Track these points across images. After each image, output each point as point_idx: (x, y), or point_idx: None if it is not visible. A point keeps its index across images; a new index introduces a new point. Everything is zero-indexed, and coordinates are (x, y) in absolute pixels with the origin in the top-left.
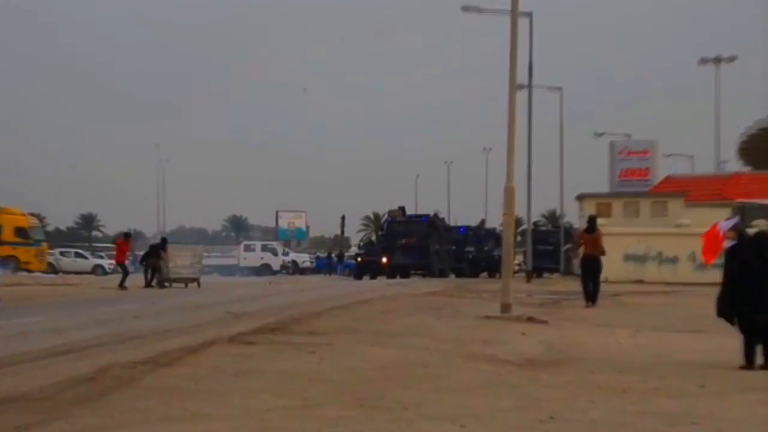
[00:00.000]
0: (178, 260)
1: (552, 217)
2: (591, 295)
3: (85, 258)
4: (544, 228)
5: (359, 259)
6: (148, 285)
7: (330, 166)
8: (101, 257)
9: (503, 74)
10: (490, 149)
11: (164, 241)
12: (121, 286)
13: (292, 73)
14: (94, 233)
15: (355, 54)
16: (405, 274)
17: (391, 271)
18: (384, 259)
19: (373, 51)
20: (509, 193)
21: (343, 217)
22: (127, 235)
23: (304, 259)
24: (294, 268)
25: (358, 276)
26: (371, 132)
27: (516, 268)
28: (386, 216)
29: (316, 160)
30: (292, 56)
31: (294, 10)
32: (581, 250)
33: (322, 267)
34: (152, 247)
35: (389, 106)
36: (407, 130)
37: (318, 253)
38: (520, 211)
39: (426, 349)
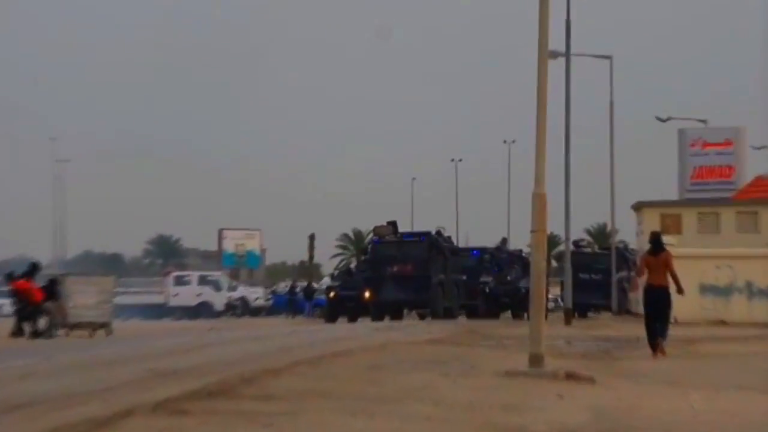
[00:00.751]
0: (80, 298)
1: (599, 235)
2: (657, 340)
3: None
4: (588, 249)
5: (331, 294)
6: (18, 332)
7: (292, 169)
8: None
9: (526, 37)
10: (513, 142)
11: (34, 268)
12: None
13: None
14: None
15: None
16: (397, 315)
17: (378, 311)
18: (367, 294)
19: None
20: (539, 202)
21: (311, 237)
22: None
23: (257, 295)
24: (243, 308)
25: (331, 317)
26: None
27: (551, 305)
28: (371, 235)
29: (269, 163)
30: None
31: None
32: (643, 280)
33: (283, 306)
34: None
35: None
36: (397, 117)
37: (276, 287)
38: (554, 226)
39: (428, 420)
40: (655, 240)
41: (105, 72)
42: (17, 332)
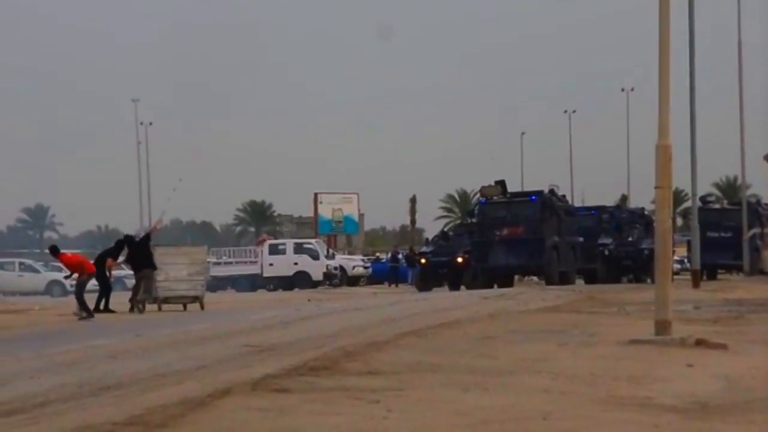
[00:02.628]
0: (170, 270)
1: (729, 189)
2: None
3: (36, 271)
4: (716, 205)
5: (422, 260)
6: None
7: (389, 128)
8: (59, 269)
9: None
10: (632, 90)
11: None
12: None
13: None
14: (48, 234)
15: None
16: (507, 281)
17: (487, 277)
18: (460, 259)
19: None
20: (664, 154)
21: (413, 199)
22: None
23: (355, 263)
24: (341, 277)
25: (424, 286)
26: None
27: (677, 267)
28: (478, 195)
29: (367, 120)
30: None
31: None
32: None
33: (384, 274)
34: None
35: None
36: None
37: (378, 254)
38: (679, 181)
39: (546, 393)
40: None
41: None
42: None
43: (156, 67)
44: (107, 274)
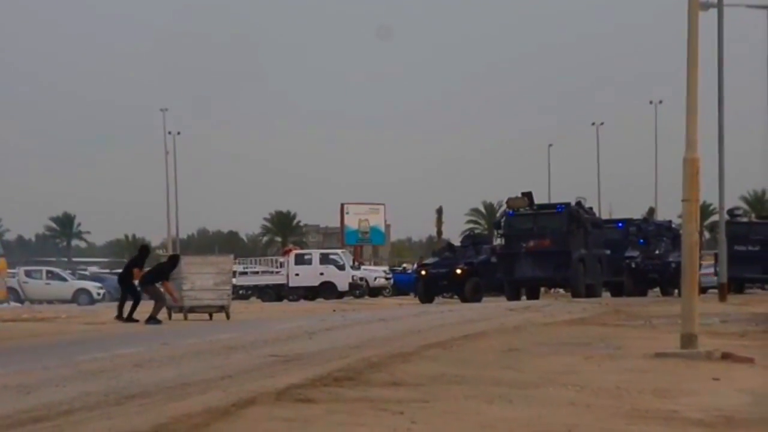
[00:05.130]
0: (197, 280)
1: (757, 203)
2: None
3: (63, 279)
4: (744, 219)
5: (422, 272)
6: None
7: (417, 139)
8: (85, 277)
9: None
10: (660, 102)
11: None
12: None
13: None
14: (75, 243)
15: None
16: (534, 293)
17: (513, 289)
18: (458, 271)
19: None
20: (691, 167)
21: (439, 210)
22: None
23: (376, 274)
24: (363, 289)
25: (425, 297)
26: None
27: (704, 280)
28: (504, 207)
29: (395, 132)
30: None
31: None
32: None
33: (407, 285)
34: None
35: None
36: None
37: (405, 265)
38: (707, 194)
39: (571, 405)
40: None
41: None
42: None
43: (181, 76)
44: (135, 283)
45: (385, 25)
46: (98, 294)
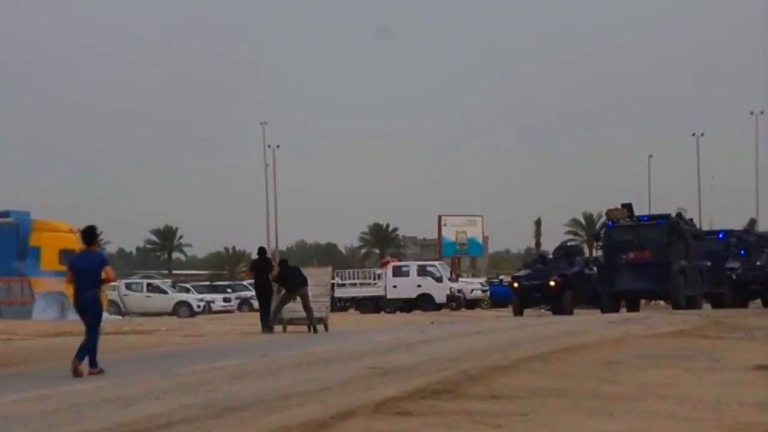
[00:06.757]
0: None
1: None
2: None
3: (164, 292)
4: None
5: (515, 284)
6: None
7: (514, 151)
8: (187, 290)
9: None
10: (762, 113)
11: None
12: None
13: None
14: (176, 256)
15: None
16: (634, 306)
17: (613, 301)
18: (552, 283)
19: None
20: None
21: (538, 222)
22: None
23: (473, 286)
24: (460, 301)
25: (518, 310)
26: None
27: None
28: (604, 218)
29: (491, 144)
30: None
31: None
32: None
33: (505, 297)
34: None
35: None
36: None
37: (501, 276)
38: None
39: (671, 418)
40: None
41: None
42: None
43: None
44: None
45: (385, 25)
46: (198, 306)
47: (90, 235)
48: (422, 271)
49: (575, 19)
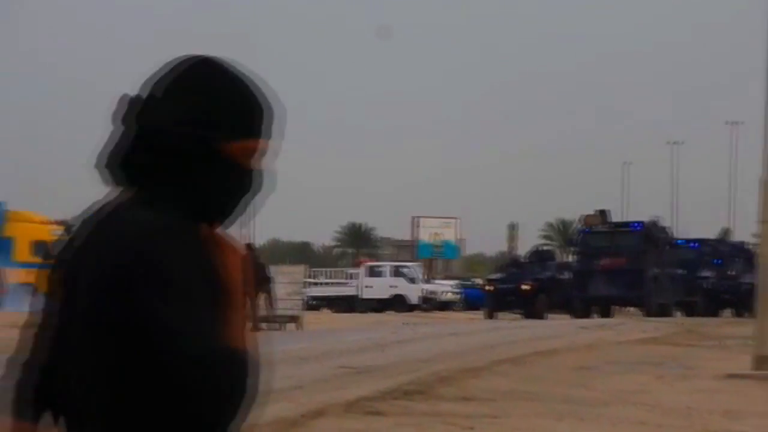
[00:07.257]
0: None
1: None
2: None
3: None
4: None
5: (488, 287)
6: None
7: (493, 154)
8: None
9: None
10: (738, 123)
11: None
12: None
13: None
14: None
15: None
16: (605, 311)
17: (585, 306)
18: (525, 287)
19: None
20: (767, 187)
21: (511, 226)
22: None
23: (444, 288)
24: (432, 302)
25: (490, 313)
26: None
27: None
28: (579, 224)
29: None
30: None
31: None
32: None
33: (478, 299)
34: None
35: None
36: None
37: (475, 279)
38: None
39: (642, 425)
40: None
41: None
42: None
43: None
44: None
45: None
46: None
47: None
48: (397, 272)
49: (572, 28)
